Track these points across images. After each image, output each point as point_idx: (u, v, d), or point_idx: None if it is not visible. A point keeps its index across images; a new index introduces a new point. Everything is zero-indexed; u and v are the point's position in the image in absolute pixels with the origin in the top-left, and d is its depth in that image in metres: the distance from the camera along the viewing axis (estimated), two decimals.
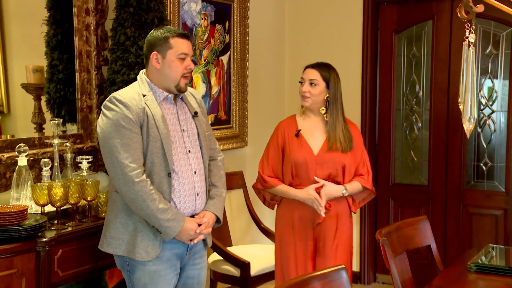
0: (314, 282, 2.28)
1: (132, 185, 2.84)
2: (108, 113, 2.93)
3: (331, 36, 5.71)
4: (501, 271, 3.07)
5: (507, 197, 5.30)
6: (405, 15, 5.58)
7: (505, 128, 5.29)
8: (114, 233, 2.99)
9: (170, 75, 3.03)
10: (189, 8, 4.68)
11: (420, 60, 5.57)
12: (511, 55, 5.23)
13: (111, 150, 2.89)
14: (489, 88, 5.34)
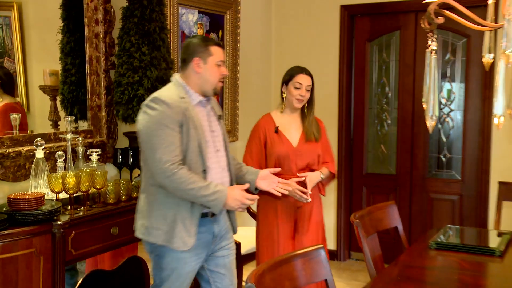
0: (297, 259, 2.28)
1: (172, 176, 2.76)
2: (151, 111, 2.84)
3: (312, 43, 5.71)
4: (456, 247, 3.10)
5: (463, 185, 5.33)
6: (376, 26, 5.58)
7: (461, 125, 5.32)
8: (155, 224, 2.90)
9: (210, 79, 2.98)
10: (187, 18, 4.66)
11: (389, 65, 5.57)
12: (466, 62, 5.27)
13: (153, 147, 2.81)
14: (448, 90, 5.36)
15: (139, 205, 3.02)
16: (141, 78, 3.69)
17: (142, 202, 2.99)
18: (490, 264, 2.90)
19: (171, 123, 2.82)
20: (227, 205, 2.88)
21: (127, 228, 3.36)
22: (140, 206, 3.00)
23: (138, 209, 3.03)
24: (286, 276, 2.16)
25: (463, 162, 5.33)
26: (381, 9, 5.47)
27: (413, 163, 5.50)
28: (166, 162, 2.77)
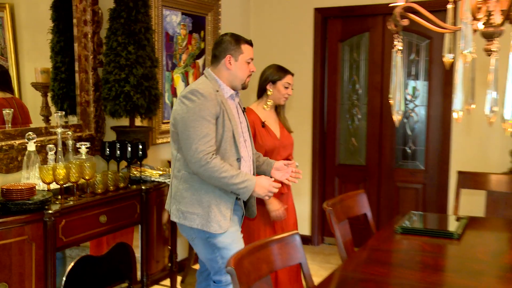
0: (273, 244, 2.28)
1: (206, 165, 2.77)
2: (189, 103, 2.83)
3: (288, 43, 5.71)
4: (419, 231, 3.12)
5: (426, 174, 5.37)
6: (347, 28, 5.59)
7: (425, 119, 5.36)
8: (190, 209, 2.91)
9: (239, 75, 3.02)
10: (170, 19, 4.63)
11: (359, 64, 5.58)
12: (429, 61, 5.30)
13: (189, 137, 2.80)
14: (413, 87, 5.39)
15: (172, 191, 3.01)
16: (127, 75, 3.67)
17: (176, 188, 2.98)
18: (449, 246, 2.93)
19: (208, 115, 2.82)
20: (255, 192, 2.91)
21: (114, 216, 3.36)
22: (174, 192, 2.99)
23: (171, 194, 3.02)
24: (263, 260, 2.16)
25: (426, 154, 5.37)
26: (352, 12, 5.48)
27: (381, 155, 5.53)
28: (201, 152, 2.77)
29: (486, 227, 3.41)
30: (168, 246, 3.90)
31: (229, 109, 2.95)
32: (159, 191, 3.71)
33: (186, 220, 2.92)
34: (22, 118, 3.57)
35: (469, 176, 3.92)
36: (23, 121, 3.56)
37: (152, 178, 3.73)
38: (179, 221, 2.96)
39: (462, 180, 3.92)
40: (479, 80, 2.34)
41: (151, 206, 3.64)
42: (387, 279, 2.49)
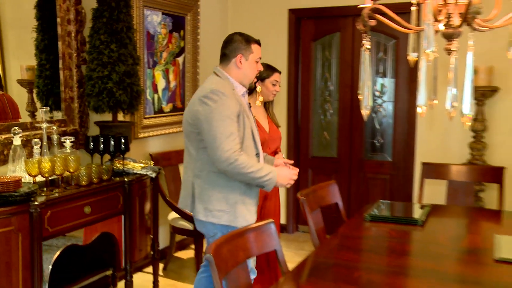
0: (250, 233, 2.29)
1: (235, 163, 2.70)
2: (212, 103, 2.74)
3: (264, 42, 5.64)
4: (387, 219, 3.15)
5: (393, 165, 5.43)
6: (320, 28, 5.61)
7: (392, 114, 5.41)
8: (218, 206, 2.83)
9: (249, 74, 2.97)
10: (151, 19, 4.61)
11: (331, 62, 5.61)
12: (396, 60, 5.34)
13: (216, 136, 2.71)
14: (381, 84, 5.43)
15: (196, 190, 2.89)
16: (110, 72, 3.65)
17: (200, 188, 2.88)
18: (413, 232, 2.97)
19: (231, 114, 2.76)
20: (278, 183, 2.88)
21: (98, 207, 3.34)
22: (198, 192, 2.89)
23: (194, 194, 2.90)
24: (240, 247, 2.17)
25: (393, 146, 5.43)
26: (324, 13, 5.50)
27: (351, 148, 5.57)
28: (229, 151, 2.70)
29: (447, 214, 3.46)
30: (150, 235, 3.89)
31: (244, 106, 2.90)
32: (141, 183, 3.70)
33: (214, 218, 2.84)
34: (13, 113, 3.54)
35: (432, 167, 3.97)
36: (13, 117, 3.52)
37: (135, 170, 3.71)
38: (207, 219, 2.86)
39: (426, 171, 3.97)
40: (440, 78, 2.37)
41: (134, 197, 3.63)
42: (357, 264, 2.51)
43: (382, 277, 2.31)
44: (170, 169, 4.76)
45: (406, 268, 2.46)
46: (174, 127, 4.96)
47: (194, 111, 2.83)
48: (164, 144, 4.88)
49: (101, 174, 3.43)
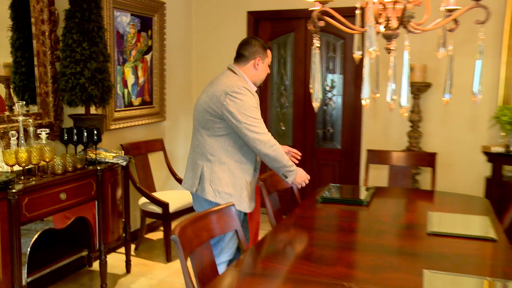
0: (212, 215, 2.28)
1: (275, 145, 2.82)
2: (242, 97, 2.80)
3: (225, 41, 5.68)
4: (337, 200, 3.19)
5: (342, 152, 5.49)
6: (276, 29, 5.62)
7: (341, 107, 5.46)
8: (226, 190, 2.88)
9: (261, 76, 3.03)
10: (121, 20, 4.53)
11: (286, 59, 5.62)
12: (343, 58, 5.38)
13: (252, 124, 2.78)
14: (331, 80, 5.47)
15: (206, 173, 2.90)
16: (82, 69, 3.59)
17: (211, 171, 2.90)
18: (360, 212, 3.01)
19: (257, 105, 2.87)
20: (295, 180, 2.96)
21: (73, 194, 3.29)
22: (208, 174, 2.90)
23: (204, 176, 2.91)
24: (204, 228, 2.17)
25: (342, 135, 5.49)
26: (279, 15, 5.51)
27: (305, 137, 5.61)
28: (267, 135, 2.81)
29: (389, 195, 3.52)
30: (122, 218, 3.85)
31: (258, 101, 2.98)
32: (113, 171, 3.65)
33: (222, 200, 2.87)
34: None
35: (376, 154, 4.03)
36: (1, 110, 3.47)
37: (107, 159, 3.66)
38: (215, 200, 2.88)
39: (370, 157, 4.03)
40: (382, 74, 2.42)
41: (106, 184, 3.58)
42: (310, 241, 2.54)
43: (332, 252, 2.34)
44: (140, 158, 4.71)
45: (353, 244, 2.51)
46: (143, 120, 4.91)
47: (220, 104, 2.83)
48: (134, 135, 4.82)
49: (75, 163, 3.38)
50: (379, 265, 2.14)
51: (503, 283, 1.94)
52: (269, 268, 2.12)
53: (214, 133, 2.89)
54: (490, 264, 2.23)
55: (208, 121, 2.89)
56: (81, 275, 4.02)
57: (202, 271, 2.06)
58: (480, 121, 4.88)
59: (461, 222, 2.77)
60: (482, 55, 2.09)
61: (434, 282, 1.93)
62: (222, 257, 2.93)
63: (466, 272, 2.04)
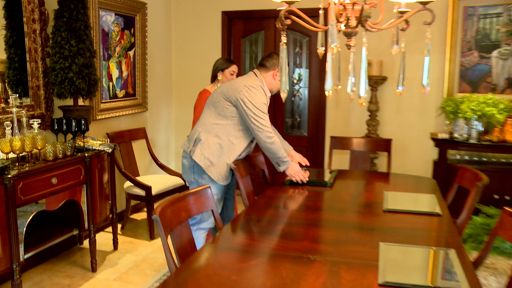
0: (190, 196, 2.27)
1: (272, 138, 2.97)
2: (256, 91, 2.98)
3: (202, 39, 5.63)
4: (304, 183, 3.18)
5: (308, 139, 5.52)
6: (248, 27, 5.58)
7: (307, 98, 5.48)
8: (211, 158, 3.04)
9: (277, 85, 3.12)
10: (106, 19, 4.44)
11: (257, 55, 5.60)
12: (309, 54, 5.38)
13: (258, 115, 2.95)
14: (298, 73, 5.48)
15: (201, 138, 3.06)
16: (71, 64, 3.52)
17: (205, 138, 3.06)
18: (324, 192, 3.03)
19: (266, 104, 3.03)
20: (288, 171, 3.08)
21: (63, 178, 3.24)
22: (203, 140, 3.06)
23: (197, 140, 3.08)
24: (182, 208, 2.16)
25: (308, 124, 5.52)
26: (251, 15, 5.47)
27: (275, 125, 5.56)
28: (268, 128, 2.97)
29: (350, 177, 3.55)
30: (109, 201, 3.81)
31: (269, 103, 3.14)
32: (99, 157, 3.60)
33: (203, 163, 3.02)
34: None
35: (338, 140, 4.06)
36: None
37: (94, 147, 3.61)
38: (199, 162, 3.04)
39: (333, 143, 4.06)
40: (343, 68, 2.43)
41: (94, 170, 3.53)
42: (280, 219, 2.55)
43: (299, 228, 2.36)
44: (124, 146, 4.65)
45: (318, 221, 2.52)
46: (127, 110, 4.84)
47: (237, 92, 3.00)
48: (118, 124, 4.76)
49: (65, 151, 3.32)
50: (341, 240, 2.16)
51: (445, 251, 1.99)
52: (243, 244, 2.13)
53: (222, 112, 3.05)
54: (436, 236, 2.28)
55: (221, 101, 3.06)
56: (73, 252, 3.97)
57: (181, 247, 2.05)
58: (429, 110, 4.96)
59: (412, 200, 2.82)
60: (429, 52, 2.12)
61: (388, 253, 1.96)
62: (202, 224, 3.05)
63: (415, 243, 2.09)
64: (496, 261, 3.89)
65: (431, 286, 1.67)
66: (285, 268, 1.82)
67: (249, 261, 1.91)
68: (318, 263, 1.88)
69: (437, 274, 1.82)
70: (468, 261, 1.90)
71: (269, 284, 1.69)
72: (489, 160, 4.79)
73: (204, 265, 1.88)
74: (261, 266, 1.87)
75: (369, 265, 1.86)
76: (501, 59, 4.72)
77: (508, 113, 4.44)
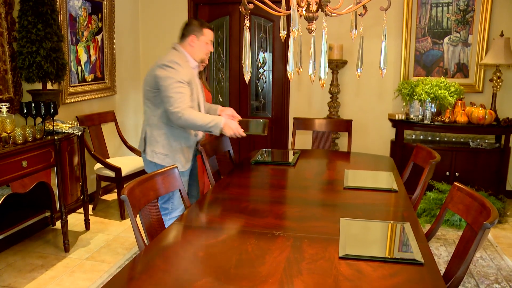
0: (158, 176, 2.23)
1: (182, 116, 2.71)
2: (169, 69, 2.73)
3: (169, 23, 5.50)
4: (268, 162, 3.20)
5: (272, 120, 5.51)
6: (213, 12, 5.49)
7: (270, 81, 5.45)
8: (162, 150, 2.87)
9: (198, 52, 2.90)
10: (73, 3, 4.27)
11: (223, 39, 5.52)
12: (273, 38, 5.34)
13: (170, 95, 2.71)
14: (263, 57, 5.44)
15: (147, 135, 2.90)
16: (38, 48, 3.38)
17: (150, 133, 2.89)
18: (288, 171, 3.03)
19: (182, 80, 2.74)
20: (224, 130, 2.80)
21: (34, 161, 3.14)
22: (149, 136, 2.90)
23: (146, 138, 2.91)
24: (150, 188, 2.12)
25: (272, 106, 5.50)
26: (217, 0, 5.38)
27: (240, 107, 5.57)
28: (178, 107, 2.70)
29: (312, 156, 3.57)
30: (80, 182, 3.72)
31: (195, 78, 2.88)
32: (69, 140, 3.50)
33: (158, 159, 2.87)
34: None
35: (301, 121, 4.06)
36: None
37: (63, 130, 3.50)
38: (152, 159, 2.88)
39: (297, 124, 4.06)
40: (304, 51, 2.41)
41: (64, 152, 3.43)
42: (245, 197, 2.54)
43: (264, 205, 2.35)
44: (94, 128, 4.53)
45: (282, 198, 2.53)
46: (96, 94, 4.71)
47: (154, 75, 2.79)
48: (87, 107, 4.63)
49: (34, 134, 3.21)
50: (304, 216, 2.17)
51: (401, 224, 2.02)
52: (209, 222, 2.11)
53: (154, 101, 2.85)
54: (393, 211, 2.32)
55: (149, 92, 2.86)
56: (46, 233, 3.88)
57: (150, 226, 2.02)
58: (387, 93, 5.02)
59: (371, 177, 2.86)
60: (385, 37, 2.12)
61: (349, 228, 1.98)
62: (174, 213, 2.94)
63: (374, 218, 2.12)
64: (447, 233, 4.01)
65: (388, 257, 1.70)
66: (251, 244, 1.81)
67: (216, 238, 1.89)
68: (282, 238, 1.88)
69: (394, 246, 1.85)
70: (421, 233, 1.94)
71: (235, 259, 1.68)
72: (441, 139, 4.91)
73: (172, 243, 1.85)
74: (227, 242, 1.86)
75: (330, 239, 1.87)
76: (452, 45, 4.82)
77: (458, 96, 4.55)
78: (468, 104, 4.70)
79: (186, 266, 1.64)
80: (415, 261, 1.67)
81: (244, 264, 1.65)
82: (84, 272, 3.23)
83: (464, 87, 4.66)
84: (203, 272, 1.58)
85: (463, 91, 4.59)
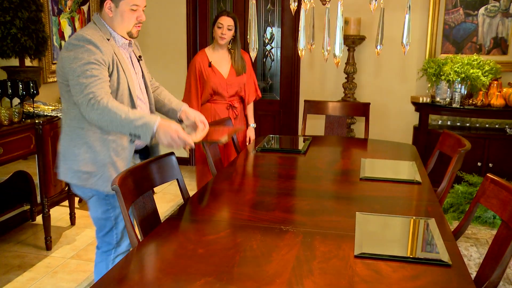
0: (152, 165, 2.24)
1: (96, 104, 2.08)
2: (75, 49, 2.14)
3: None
4: (276, 150, 3.22)
5: (281, 103, 5.52)
6: None
7: (279, 59, 5.46)
8: (84, 168, 2.24)
9: (122, 24, 2.27)
10: None
11: None
12: (281, 12, 5.33)
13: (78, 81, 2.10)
14: (270, 33, 5.44)
15: (62, 148, 2.30)
16: (13, 18, 3.37)
17: (66, 144, 2.28)
18: (298, 160, 3.05)
19: (95, 60, 2.13)
20: (157, 134, 2.10)
21: (10, 148, 3.16)
22: (64, 149, 2.29)
23: (61, 152, 2.31)
24: (145, 178, 2.14)
25: (280, 87, 5.51)
26: None
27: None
28: (91, 94, 2.08)
29: (324, 143, 3.58)
30: None
31: (122, 60, 2.28)
32: (52, 124, 3.52)
33: (78, 180, 2.27)
34: None
35: (313, 104, 4.07)
36: None
37: (46, 113, 3.53)
38: (71, 181, 2.29)
39: (308, 107, 4.07)
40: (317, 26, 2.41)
41: (46, 137, 3.46)
42: (251, 188, 2.56)
43: (270, 198, 2.36)
44: None
45: (291, 190, 2.53)
46: None
47: (60, 58, 2.21)
48: None
49: (11, 117, 3.23)
50: (315, 209, 2.19)
51: (425, 221, 2.04)
52: (210, 215, 2.13)
53: (68, 98, 2.24)
54: (415, 205, 2.33)
55: (60, 84, 2.27)
56: (24, 229, 3.92)
57: (144, 219, 2.04)
58: (409, 73, 5.01)
59: (390, 167, 2.87)
60: (410, 9, 2.12)
61: (365, 223, 2.00)
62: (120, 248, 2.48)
63: (394, 213, 2.13)
64: (478, 231, 4.03)
65: (410, 257, 1.71)
66: (256, 240, 1.84)
67: (217, 233, 1.92)
68: (291, 234, 1.90)
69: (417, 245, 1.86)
70: (448, 231, 1.96)
71: (239, 256, 1.70)
72: (472, 125, 4.90)
73: (169, 238, 1.88)
74: (230, 238, 1.88)
75: (345, 235, 1.89)
76: (488, 16, 4.78)
77: (494, 76, 4.53)
78: (506, 85, 4.68)
79: (184, 264, 1.66)
80: (441, 262, 1.68)
81: (249, 262, 1.67)
82: (68, 273, 3.27)
83: (501, 66, 4.64)
84: (203, 271, 1.61)
85: (500, 70, 4.57)
